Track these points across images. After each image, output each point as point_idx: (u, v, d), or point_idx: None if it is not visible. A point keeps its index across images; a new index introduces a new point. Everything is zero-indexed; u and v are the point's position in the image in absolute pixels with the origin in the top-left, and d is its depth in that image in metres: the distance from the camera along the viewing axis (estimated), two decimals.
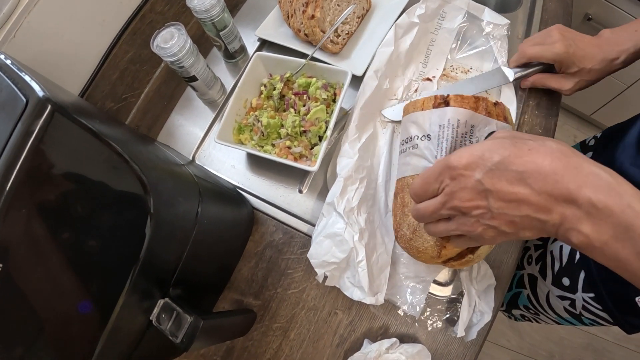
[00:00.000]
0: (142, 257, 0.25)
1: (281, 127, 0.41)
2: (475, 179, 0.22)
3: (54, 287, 0.23)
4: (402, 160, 0.33)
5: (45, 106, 0.21)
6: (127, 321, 0.26)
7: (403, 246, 0.33)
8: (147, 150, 0.32)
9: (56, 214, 0.22)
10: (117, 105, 0.48)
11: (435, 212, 0.25)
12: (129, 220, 0.25)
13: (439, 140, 0.30)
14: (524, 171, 0.21)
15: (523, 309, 0.54)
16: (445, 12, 0.48)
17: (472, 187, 0.22)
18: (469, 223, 0.24)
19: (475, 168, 0.22)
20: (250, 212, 0.42)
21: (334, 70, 0.42)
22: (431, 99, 0.31)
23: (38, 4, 0.38)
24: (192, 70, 0.41)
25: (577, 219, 0.20)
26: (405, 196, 0.32)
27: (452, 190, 0.23)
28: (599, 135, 0.49)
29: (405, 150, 0.32)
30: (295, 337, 0.39)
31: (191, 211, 0.30)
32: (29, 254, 0.22)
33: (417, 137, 0.31)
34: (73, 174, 0.23)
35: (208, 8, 0.41)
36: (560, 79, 0.41)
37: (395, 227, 0.34)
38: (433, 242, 0.30)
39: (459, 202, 0.23)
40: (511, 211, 0.22)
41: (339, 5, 0.47)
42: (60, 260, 0.23)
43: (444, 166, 0.23)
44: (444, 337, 0.39)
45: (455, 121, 0.29)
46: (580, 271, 0.41)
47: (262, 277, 0.41)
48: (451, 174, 0.23)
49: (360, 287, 0.35)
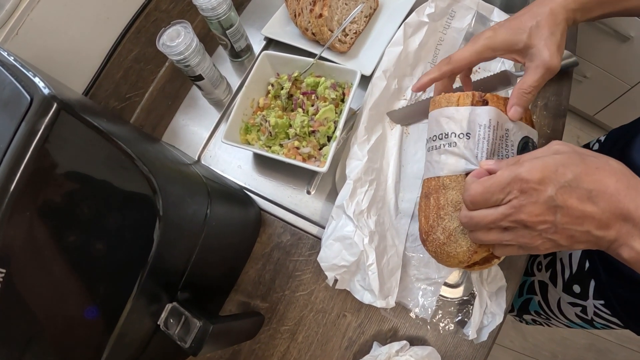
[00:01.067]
0: (150, 261, 0.24)
1: (289, 127, 0.40)
2: (547, 194, 0.22)
3: (60, 292, 0.22)
4: (434, 157, 0.30)
5: (50, 104, 0.20)
6: (135, 326, 0.26)
7: (432, 250, 0.31)
8: (155, 149, 0.31)
9: (62, 216, 0.21)
10: (121, 105, 0.47)
11: (494, 223, 0.24)
12: (137, 222, 0.24)
13: (479, 141, 0.28)
14: (592, 189, 0.21)
15: (534, 315, 0.54)
16: (455, 12, 0.47)
17: (543, 202, 0.22)
18: (529, 236, 0.23)
19: (548, 183, 0.22)
20: (257, 213, 0.41)
21: (343, 70, 0.41)
22: (469, 96, 0.29)
23: (41, 1, 0.37)
24: (198, 69, 0.40)
25: (630, 235, 0.22)
26: (440, 198, 0.30)
27: (521, 204, 0.22)
28: (603, 138, 0.48)
29: (438, 147, 0.30)
30: (304, 340, 0.39)
31: (200, 213, 0.29)
32: (34, 257, 0.21)
33: (455, 135, 0.29)
34: (79, 175, 0.22)
35: (215, 6, 0.40)
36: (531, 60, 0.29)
37: (425, 230, 0.31)
38: (466, 248, 0.29)
39: (526, 217, 0.23)
40: (574, 227, 0.22)
41: (346, 4, 0.46)
42: (66, 264, 0.22)
43: (513, 178, 0.23)
44: (454, 339, 0.38)
45: (495, 122, 0.28)
46: (591, 279, 0.41)
47: (269, 280, 0.40)
48: (522, 187, 0.22)
49: (370, 291, 0.34)
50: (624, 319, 0.39)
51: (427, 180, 0.31)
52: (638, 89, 0.89)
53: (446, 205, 0.29)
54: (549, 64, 0.28)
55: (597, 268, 0.40)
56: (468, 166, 0.28)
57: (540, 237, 0.23)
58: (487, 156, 0.28)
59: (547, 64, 0.28)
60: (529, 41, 0.29)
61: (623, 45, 0.82)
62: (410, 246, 0.38)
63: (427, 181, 0.31)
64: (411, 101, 0.44)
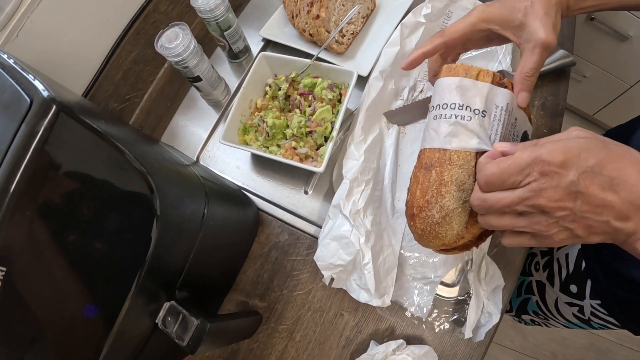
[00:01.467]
0: (148, 260, 0.24)
1: (287, 127, 0.41)
2: (569, 179, 0.20)
3: (60, 291, 0.22)
4: (442, 127, 0.27)
5: (50, 106, 0.20)
6: (133, 324, 0.26)
7: (420, 227, 0.28)
8: (153, 150, 0.32)
9: (61, 216, 0.22)
10: (120, 106, 0.47)
11: (509, 207, 0.22)
12: (135, 222, 0.25)
13: (494, 121, 0.27)
14: (615, 177, 0.20)
15: (532, 315, 0.54)
16: (452, 12, 0.47)
17: (564, 187, 0.21)
18: (545, 223, 0.22)
19: (571, 167, 0.21)
20: (255, 213, 0.41)
21: (340, 71, 0.42)
22: (489, 74, 0.27)
23: (41, 4, 0.37)
24: (197, 70, 0.41)
25: None
26: (445, 173, 0.27)
27: (541, 187, 0.21)
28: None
29: (448, 116, 0.27)
30: (301, 339, 0.39)
31: (198, 213, 0.30)
32: (34, 257, 0.21)
33: (470, 109, 0.26)
34: (78, 176, 0.22)
35: (212, 8, 0.40)
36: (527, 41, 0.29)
37: (419, 204, 0.27)
38: (457, 231, 0.27)
39: (545, 201, 0.21)
40: (594, 216, 0.21)
41: (343, 5, 0.47)
42: (65, 264, 0.22)
43: (534, 159, 0.21)
44: (451, 338, 0.38)
45: (510, 108, 0.27)
46: (587, 279, 0.41)
47: (267, 279, 0.41)
48: (543, 169, 0.21)
49: (366, 290, 0.34)
50: (621, 319, 0.39)
51: (429, 151, 0.28)
52: (637, 88, 0.89)
53: (449, 183, 0.26)
54: (546, 42, 0.27)
55: (594, 268, 0.40)
56: (481, 145, 0.26)
57: (556, 225, 0.22)
58: (500, 139, 0.27)
59: (544, 43, 0.27)
60: (524, 19, 0.28)
61: (622, 44, 0.82)
62: (407, 245, 0.39)
63: (429, 151, 0.28)
64: (408, 101, 0.45)
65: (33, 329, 0.22)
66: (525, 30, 0.28)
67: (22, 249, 0.21)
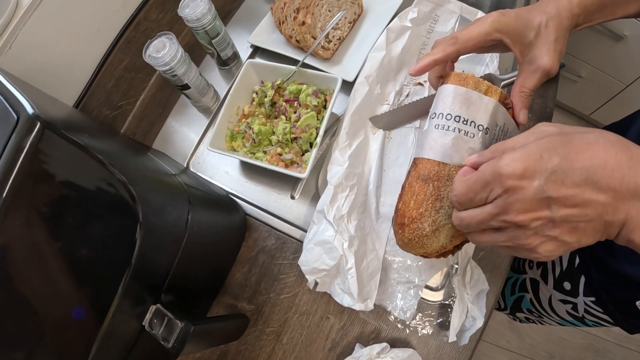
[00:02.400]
0: (133, 263, 0.25)
1: (272, 134, 0.41)
2: (534, 187, 0.19)
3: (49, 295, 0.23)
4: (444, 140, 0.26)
5: (34, 123, 0.21)
6: (121, 326, 0.27)
7: (407, 237, 0.27)
8: (137, 161, 0.33)
9: (48, 225, 0.23)
10: (113, 113, 0.49)
11: (483, 223, 0.22)
12: (120, 228, 0.26)
13: (492, 140, 0.26)
14: (589, 167, 0.18)
15: (527, 312, 0.54)
16: (438, 16, 0.48)
17: (531, 198, 0.19)
18: (524, 236, 0.20)
19: (533, 174, 0.19)
20: (242, 218, 0.42)
21: (325, 77, 0.42)
22: (497, 92, 0.27)
23: (33, 15, 0.38)
24: (185, 78, 0.42)
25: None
26: (442, 189, 0.26)
27: (507, 203, 0.20)
28: None
29: (452, 129, 0.26)
30: (288, 341, 0.40)
31: (181, 219, 0.31)
32: (23, 264, 0.22)
33: (475, 125, 0.26)
34: (64, 188, 0.24)
35: (199, 17, 0.41)
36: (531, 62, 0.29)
37: (412, 216, 0.27)
38: (443, 243, 0.27)
39: (515, 216, 0.20)
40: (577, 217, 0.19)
41: (329, 10, 0.47)
42: (53, 270, 0.23)
43: (493, 174, 0.20)
44: (436, 341, 0.39)
45: (507, 128, 0.27)
46: (581, 276, 0.41)
47: (255, 282, 0.41)
48: (504, 184, 0.20)
49: (350, 294, 0.35)
50: (615, 316, 0.39)
51: (427, 162, 0.27)
52: (633, 87, 0.88)
53: (446, 199, 0.26)
54: (549, 69, 0.28)
55: (588, 264, 0.39)
56: None
57: (537, 237, 0.20)
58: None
59: (546, 70, 0.28)
60: (535, 40, 0.28)
61: (617, 44, 0.81)
62: (391, 250, 0.39)
63: (427, 162, 0.27)
64: (394, 106, 0.45)
65: (21, 331, 0.23)
66: (532, 50, 0.28)
67: (12, 257, 0.22)
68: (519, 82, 0.29)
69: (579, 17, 0.29)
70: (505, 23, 0.28)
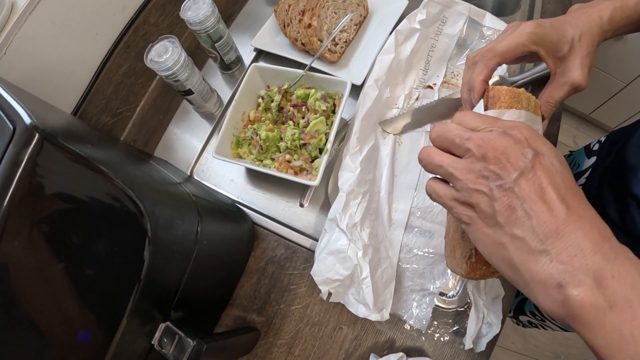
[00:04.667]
0: (142, 281, 0.24)
1: (280, 140, 0.40)
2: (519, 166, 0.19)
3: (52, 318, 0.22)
4: None
5: (32, 134, 0.20)
6: (129, 346, 0.25)
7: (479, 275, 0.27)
8: (142, 171, 0.31)
9: (51, 244, 0.21)
10: (112, 120, 0.47)
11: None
12: (127, 245, 0.24)
13: None
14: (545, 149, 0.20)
15: (530, 315, 0.54)
16: (447, 17, 0.47)
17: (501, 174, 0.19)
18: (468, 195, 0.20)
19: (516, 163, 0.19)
20: (250, 227, 0.41)
21: (333, 81, 0.41)
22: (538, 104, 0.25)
23: (28, 20, 0.37)
24: (188, 83, 0.40)
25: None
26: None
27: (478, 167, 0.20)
28: (604, 139, 0.48)
29: None
30: (300, 353, 0.38)
31: (190, 232, 0.29)
32: (24, 284, 0.21)
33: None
34: (66, 203, 0.22)
35: (202, 19, 0.40)
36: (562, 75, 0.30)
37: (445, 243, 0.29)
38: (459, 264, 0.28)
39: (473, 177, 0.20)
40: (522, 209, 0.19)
41: (335, 13, 0.46)
42: (57, 291, 0.22)
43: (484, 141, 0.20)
44: (451, 349, 0.38)
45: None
46: None
47: (264, 293, 0.40)
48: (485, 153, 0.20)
49: (365, 304, 0.34)
50: None
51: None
52: (633, 86, 0.89)
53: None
54: (579, 84, 0.28)
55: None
56: None
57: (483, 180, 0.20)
58: None
59: (575, 84, 0.28)
60: (567, 54, 0.29)
61: (617, 43, 0.82)
62: (405, 257, 0.38)
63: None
64: (403, 110, 0.44)
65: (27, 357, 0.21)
66: (564, 63, 0.29)
67: (12, 278, 0.20)
68: (546, 93, 0.29)
69: (608, 33, 0.30)
70: (542, 35, 0.28)
